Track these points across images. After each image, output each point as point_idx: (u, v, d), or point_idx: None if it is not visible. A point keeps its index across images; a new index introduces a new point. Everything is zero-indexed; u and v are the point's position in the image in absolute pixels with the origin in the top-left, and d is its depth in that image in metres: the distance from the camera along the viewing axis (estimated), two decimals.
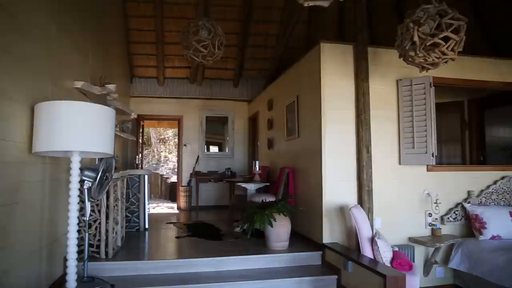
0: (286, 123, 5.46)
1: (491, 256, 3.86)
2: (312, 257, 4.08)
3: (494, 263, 3.80)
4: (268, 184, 5.79)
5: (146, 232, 5.24)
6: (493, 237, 4.17)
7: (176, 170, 9.97)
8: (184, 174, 8.36)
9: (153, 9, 6.58)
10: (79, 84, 3.54)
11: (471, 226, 4.36)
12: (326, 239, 4.10)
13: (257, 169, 5.77)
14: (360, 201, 4.10)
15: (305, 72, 4.77)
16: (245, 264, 3.88)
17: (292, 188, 5.01)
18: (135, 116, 5.37)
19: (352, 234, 4.03)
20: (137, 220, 5.32)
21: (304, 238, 4.61)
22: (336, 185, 4.15)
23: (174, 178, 11.69)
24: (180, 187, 8.23)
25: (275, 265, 3.95)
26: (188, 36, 4.67)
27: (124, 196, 4.64)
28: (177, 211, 8.05)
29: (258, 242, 4.46)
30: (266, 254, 4.02)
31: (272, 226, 4.00)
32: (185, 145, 8.42)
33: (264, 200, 4.60)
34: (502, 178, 4.71)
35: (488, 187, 4.66)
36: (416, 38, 3.33)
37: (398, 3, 6.59)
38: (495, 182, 4.68)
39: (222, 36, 4.78)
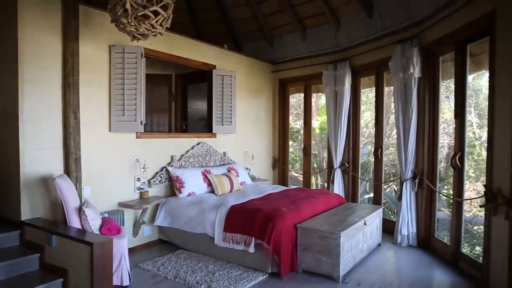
0: None
1: (186, 210, 4.55)
2: (7, 239, 3.51)
3: (188, 216, 4.50)
4: None
5: None
6: (189, 194, 4.89)
7: None
8: None
9: None
10: None
11: (173, 186, 4.95)
12: (26, 215, 3.62)
13: None
14: (67, 170, 3.84)
15: None
16: None
17: None
18: None
19: (58, 207, 3.74)
20: None
21: None
22: (38, 154, 3.69)
23: None
24: None
25: None
26: None
27: None
28: None
29: None
30: None
31: None
32: None
33: None
34: (198, 143, 5.57)
35: (187, 152, 5.39)
36: (128, 6, 3.33)
37: None
38: (192, 147, 5.48)
39: None
